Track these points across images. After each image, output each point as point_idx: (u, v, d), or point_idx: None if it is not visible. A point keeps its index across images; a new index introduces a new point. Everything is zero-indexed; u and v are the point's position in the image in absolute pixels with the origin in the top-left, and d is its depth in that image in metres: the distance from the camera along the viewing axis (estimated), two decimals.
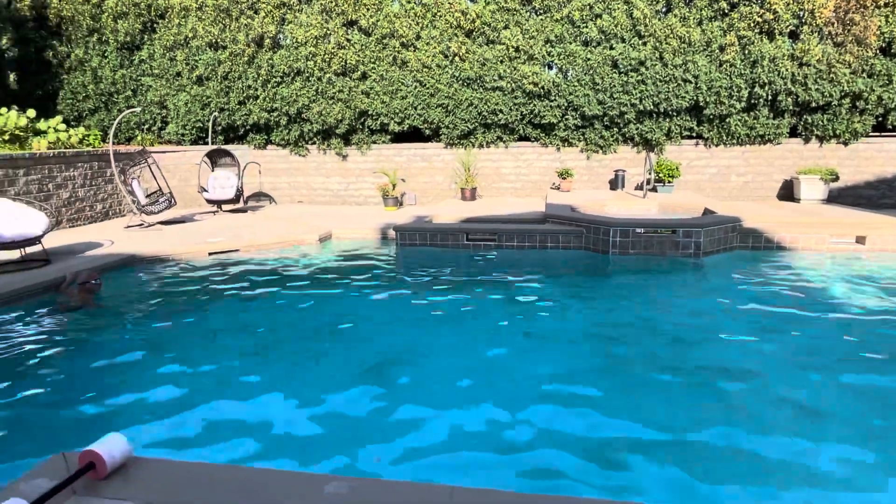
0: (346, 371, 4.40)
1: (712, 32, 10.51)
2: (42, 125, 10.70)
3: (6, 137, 9.64)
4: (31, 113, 10.51)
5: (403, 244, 8.75)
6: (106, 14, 12.33)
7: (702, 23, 10.60)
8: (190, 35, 12.03)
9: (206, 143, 12.71)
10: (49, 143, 10.44)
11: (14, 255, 7.39)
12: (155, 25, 12.48)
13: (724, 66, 10.55)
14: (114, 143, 12.40)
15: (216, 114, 12.32)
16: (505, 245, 8.47)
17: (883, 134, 10.88)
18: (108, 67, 12.60)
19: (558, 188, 11.67)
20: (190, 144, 12.93)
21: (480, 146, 12.05)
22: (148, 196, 10.51)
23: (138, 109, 11.46)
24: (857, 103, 10.41)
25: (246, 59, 11.83)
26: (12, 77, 11.61)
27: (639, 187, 11.54)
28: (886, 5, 9.92)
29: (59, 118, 11.23)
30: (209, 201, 11.42)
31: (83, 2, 12.36)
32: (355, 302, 6.24)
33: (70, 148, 10.78)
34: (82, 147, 11.23)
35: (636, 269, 7.35)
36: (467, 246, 8.57)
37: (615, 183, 11.54)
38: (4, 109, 10.20)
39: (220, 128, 12.73)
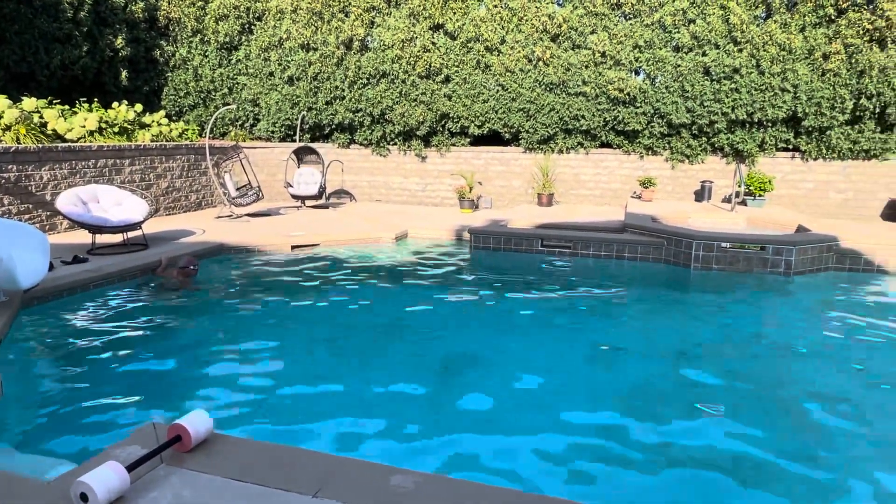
0: (413, 368, 4.47)
1: (816, 40, 9.90)
2: (147, 119, 11.50)
3: (116, 129, 10.44)
4: (139, 107, 11.33)
5: (477, 247, 8.77)
6: (209, 16, 13.12)
7: (804, 29, 10.01)
8: (284, 36, 12.58)
9: (294, 141, 13.25)
10: (152, 135, 11.21)
11: (117, 238, 7.99)
12: (252, 27, 13.15)
13: (827, 75, 9.91)
14: (209, 138, 13.15)
15: (304, 113, 12.82)
16: (580, 253, 8.32)
17: None
18: (207, 66, 13.39)
19: (639, 197, 11.33)
20: (279, 141, 13.52)
21: (560, 152, 11.90)
22: (238, 189, 11.07)
23: (233, 107, 12.10)
24: None
25: (335, 60, 12.25)
26: (124, 74, 12.57)
27: (726, 200, 11.02)
28: None
29: (162, 113, 12.04)
30: (294, 196, 11.89)
31: (189, 4, 13.21)
32: (427, 301, 6.32)
33: (170, 141, 11.53)
34: (181, 140, 11.99)
35: (720, 286, 7.02)
36: (542, 252, 8.48)
37: (701, 194, 11.08)
38: (116, 104, 11.05)
39: (307, 126, 13.24)
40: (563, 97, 11.27)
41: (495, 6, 11.38)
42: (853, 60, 9.76)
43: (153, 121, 11.60)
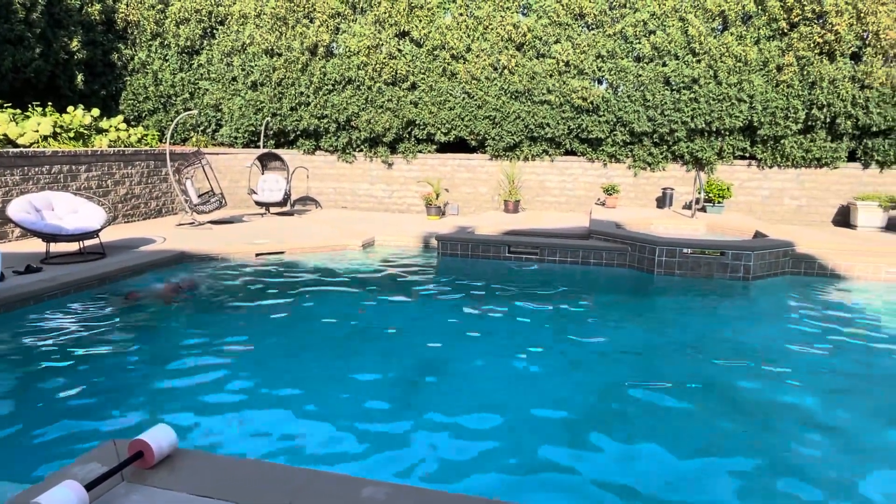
0: (379, 376, 4.43)
1: (770, 52, 10.26)
2: (104, 124, 11.18)
3: (71, 135, 10.11)
4: (95, 112, 10.99)
5: (445, 254, 8.78)
6: (169, 19, 12.85)
7: (759, 42, 10.36)
8: (247, 41, 12.41)
9: (258, 147, 13.07)
10: (110, 141, 10.90)
11: (73, 247, 7.72)
12: (214, 31, 12.93)
13: (781, 86, 10.28)
14: (170, 144, 12.87)
15: (268, 119, 12.65)
16: (547, 259, 8.40)
17: None
18: (168, 70, 13.10)
19: (603, 204, 11.53)
20: (242, 147, 13.31)
21: (526, 159, 12.02)
22: (200, 196, 10.84)
23: (195, 112, 11.86)
24: None
25: (300, 66, 12.13)
26: (80, 78, 12.19)
27: (687, 206, 11.30)
28: None
29: (120, 118, 11.72)
30: (258, 203, 11.71)
31: (149, 7, 12.91)
32: (394, 308, 6.29)
33: (129, 147, 11.23)
34: (140, 146, 11.69)
35: (682, 290, 7.18)
36: (509, 258, 8.54)
37: (662, 201, 11.34)
38: (71, 108, 10.70)
39: (271, 132, 13.07)
40: (529, 105, 11.41)
41: (461, 14, 11.46)
42: (805, 72, 10.15)
43: (111, 126, 11.28)
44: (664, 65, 10.71)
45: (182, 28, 12.80)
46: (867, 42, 9.91)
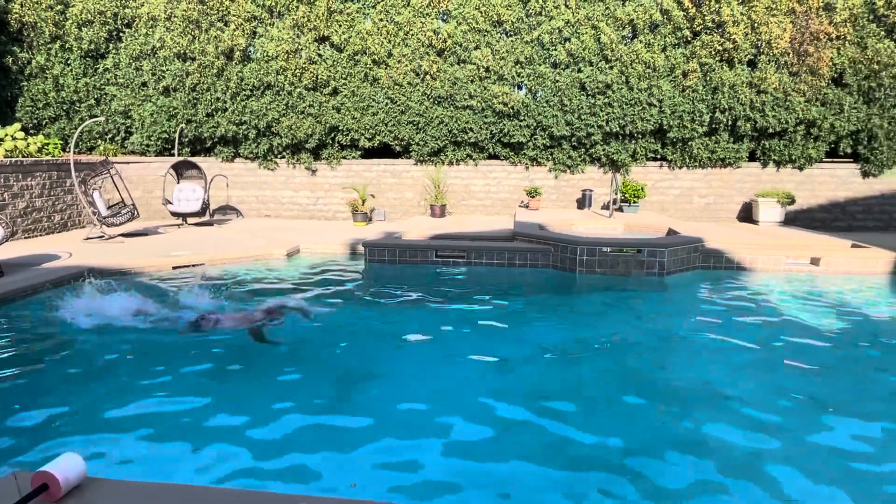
0: (306, 389, 4.34)
1: (675, 59, 10.85)
2: None
3: None
4: None
5: (372, 260, 8.71)
6: (70, 21, 12.08)
7: (666, 49, 10.94)
8: (157, 45, 11.87)
9: (172, 155, 12.50)
10: (6, 151, 10.12)
11: None
12: (121, 34, 12.27)
13: (687, 91, 10.89)
14: (75, 153, 12.09)
15: (183, 125, 12.14)
16: (474, 262, 8.51)
17: (835, 160, 11.35)
18: (70, 75, 12.32)
19: (527, 206, 11.80)
20: (155, 156, 12.70)
21: (450, 163, 12.14)
22: (109, 207, 10.26)
23: (102, 119, 11.22)
24: (812, 130, 10.85)
25: (215, 71, 11.72)
26: None
27: (605, 207, 11.76)
28: (838, 38, 10.41)
29: (17, 126, 10.90)
30: (174, 214, 11.20)
31: (46, 8, 12.08)
32: (319, 317, 6.17)
33: (28, 157, 10.47)
34: (41, 156, 10.92)
35: (602, 288, 7.46)
36: (436, 262, 8.58)
37: (583, 202, 11.74)
38: None
39: (186, 139, 12.54)
40: (451, 110, 11.52)
41: (381, 20, 11.43)
42: (708, 78, 10.80)
43: (6, 134, 10.47)
44: (579, 71, 11.11)
45: (85, 30, 12.07)
46: (761, 50, 10.67)
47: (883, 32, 10.32)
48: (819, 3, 10.34)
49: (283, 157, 12.46)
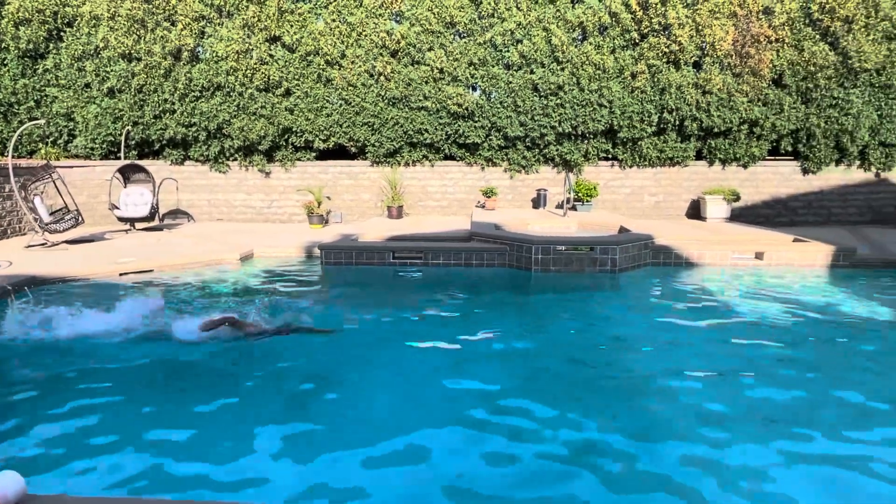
0: (260, 399, 4.28)
1: (624, 61, 11.12)
2: None
3: None
4: None
5: (329, 263, 8.64)
6: (6, 20, 11.56)
7: (615, 51, 11.19)
8: (101, 45, 11.47)
9: (118, 158, 12.11)
10: None
11: None
12: (62, 34, 11.82)
13: (636, 92, 11.17)
14: (13, 157, 11.58)
15: (129, 128, 11.78)
16: (431, 263, 8.53)
17: (777, 158, 11.83)
18: (7, 76, 11.79)
19: (483, 206, 11.90)
20: (100, 159, 12.28)
21: (407, 164, 12.13)
22: (52, 213, 9.86)
23: (42, 121, 10.78)
24: (755, 129, 11.28)
25: (162, 71, 11.41)
26: None
27: (559, 206, 11.95)
28: (777, 41, 10.85)
29: None
30: (121, 219, 10.86)
31: None
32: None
33: None
34: None
35: (557, 286, 7.58)
36: (393, 264, 8.57)
37: (538, 202, 11.90)
38: None
39: (133, 142, 12.17)
40: (406, 111, 11.52)
41: (334, 20, 11.34)
42: (655, 79, 11.10)
43: None
44: (532, 72, 11.27)
45: (23, 29, 11.57)
46: (706, 52, 11.04)
47: (818, 36, 10.81)
48: (759, 7, 10.75)
49: (236, 159, 12.23)
